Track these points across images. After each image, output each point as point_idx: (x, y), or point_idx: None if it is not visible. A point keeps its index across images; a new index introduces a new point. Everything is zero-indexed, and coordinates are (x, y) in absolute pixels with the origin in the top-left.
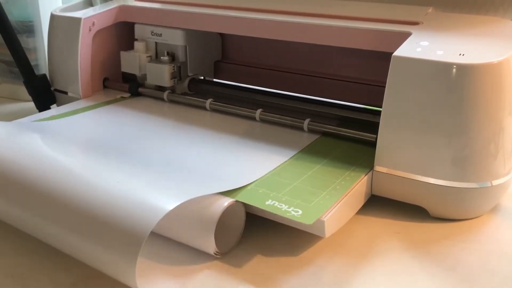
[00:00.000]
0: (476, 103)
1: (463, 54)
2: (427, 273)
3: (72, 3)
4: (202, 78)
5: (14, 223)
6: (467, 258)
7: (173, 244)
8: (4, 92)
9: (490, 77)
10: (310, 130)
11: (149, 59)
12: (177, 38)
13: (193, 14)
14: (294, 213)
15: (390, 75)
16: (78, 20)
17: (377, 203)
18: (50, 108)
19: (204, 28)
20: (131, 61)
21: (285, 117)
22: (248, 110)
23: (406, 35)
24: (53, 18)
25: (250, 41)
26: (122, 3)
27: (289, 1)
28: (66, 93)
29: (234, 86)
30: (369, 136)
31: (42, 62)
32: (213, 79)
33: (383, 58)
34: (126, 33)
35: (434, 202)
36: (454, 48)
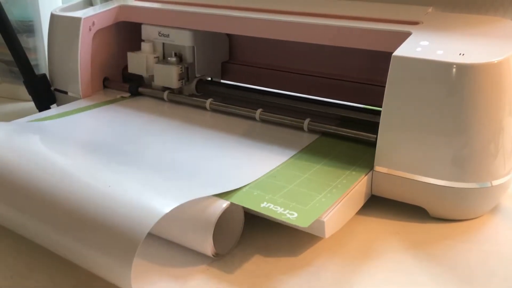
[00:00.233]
0: (476, 103)
1: (463, 54)
2: (427, 273)
3: (72, 3)
4: (210, 79)
5: (9, 225)
6: (467, 258)
7: (172, 245)
8: (4, 92)
9: (490, 77)
10: (310, 130)
11: (156, 60)
12: (185, 39)
13: (192, 14)
14: (290, 215)
15: (390, 75)
16: (78, 20)
17: (377, 203)
18: (50, 108)
19: (204, 27)
20: (138, 62)
21: (285, 117)
22: (248, 110)
23: (406, 35)
24: (53, 17)
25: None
26: (122, 3)
27: (288, 1)
28: (66, 93)
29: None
30: (369, 136)
31: (42, 62)
32: (220, 80)
33: (383, 58)
34: (126, 33)
35: (434, 202)
36: (454, 48)
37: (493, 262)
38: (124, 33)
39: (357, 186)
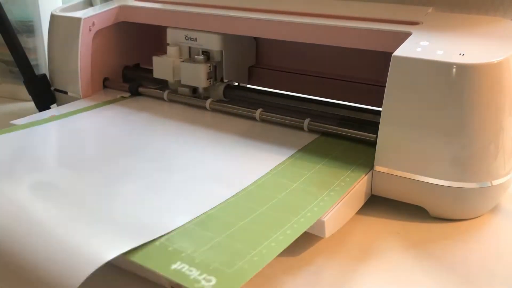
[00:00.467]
0: (476, 103)
1: (463, 54)
2: (427, 273)
3: (72, 3)
4: (237, 84)
5: None
6: (467, 258)
7: None
8: (4, 92)
9: (490, 77)
10: (310, 130)
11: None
12: (213, 43)
13: (190, 14)
14: (205, 282)
15: (390, 75)
16: (78, 20)
17: (377, 203)
18: (50, 108)
19: (203, 27)
20: (164, 66)
21: (285, 117)
22: (248, 110)
23: (406, 35)
24: (53, 18)
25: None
26: (122, 3)
27: (288, 1)
28: (66, 92)
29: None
30: (369, 136)
31: (42, 62)
32: (247, 85)
33: (383, 58)
34: (127, 33)
35: (434, 202)
36: (454, 48)
37: (493, 262)
38: (124, 33)
39: (357, 186)
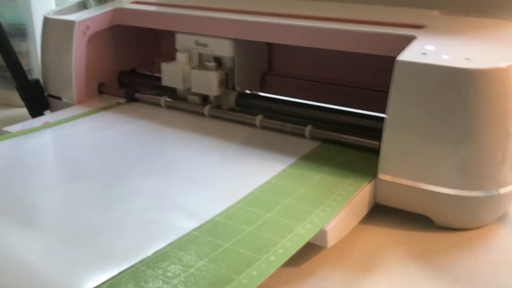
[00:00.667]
0: (482, 109)
1: (469, 59)
2: (432, 284)
3: (65, 6)
4: (249, 92)
5: None
6: (473, 268)
7: None
8: None
9: (497, 82)
10: (312, 137)
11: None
12: (225, 49)
13: (187, 16)
14: None
15: (394, 80)
16: (72, 23)
17: (380, 212)
18: (43, 114)
19: (214, 32)
20: (174, 74)
21: (286, 124)
22: (247, 116)
23: (411, 39)
24: (46, 21)
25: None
26: (117, 6)
27: (291, 4)
28: (60, 98)
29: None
30: (372, 143)
31: (35, 66)
32: (259, 93)
33: (387, 62)
34: (122, 37)
35: (439, 211)
36: (460, 52)
37: (500, 272)
38: (120, 37)
39: (360, 194)
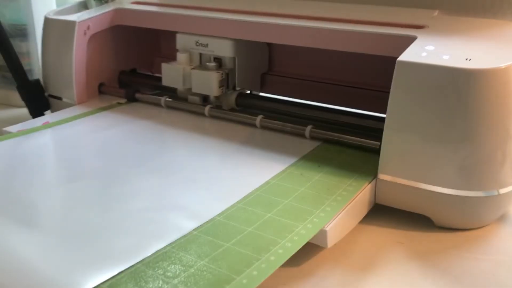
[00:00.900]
0: (483, 109)
1: (470, 59)
2: (432, 284)
3: (66, 6)
4: (249, 92)
5: None
6: (473, 268)
7: None
8: None
9: (498, 82)
10: (312, 137)
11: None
12: (225, 49)
13: (187, 16)
14: None
15: (395, 81)
16: (72, 23)
17: (380, 212)
18: (44, 114)
19: (213, 32)
20: (174, 74)
21: (286, 124)
22: (247, 117)
23: (411, 39)
24: (47, 21)
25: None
26: (118, 6)
27: (287, 4)
28: (60, 98)
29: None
30: (372, 143)
31: (35, 66)
32: (259, 93)
33: (387, 63)
34: (123, 37)
35: (439, 211)
36: (460, 52)
37: (500, 272)
38: (120, 37)
39: (360, 194)
